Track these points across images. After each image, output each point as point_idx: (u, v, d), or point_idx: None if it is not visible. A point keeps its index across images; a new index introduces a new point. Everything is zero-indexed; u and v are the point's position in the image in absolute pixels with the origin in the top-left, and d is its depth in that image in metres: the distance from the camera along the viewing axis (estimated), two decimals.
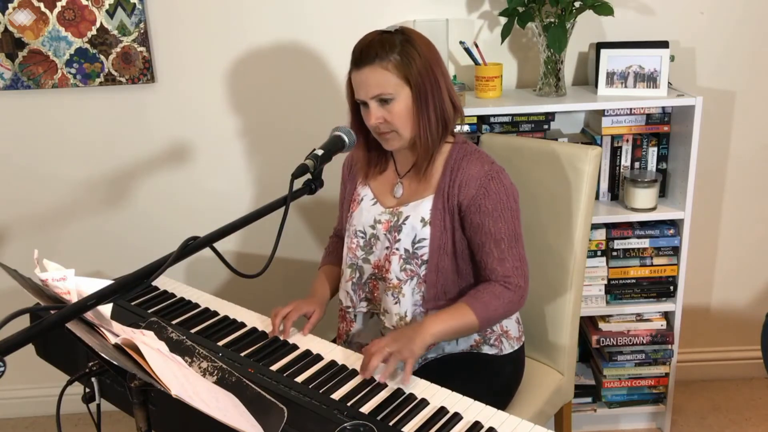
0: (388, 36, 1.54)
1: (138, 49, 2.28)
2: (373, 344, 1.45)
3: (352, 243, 1.72)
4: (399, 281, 1.64)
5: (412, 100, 1.54)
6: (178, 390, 0.99)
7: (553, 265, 1.86)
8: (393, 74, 1.51)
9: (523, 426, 1.30)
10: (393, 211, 1.66)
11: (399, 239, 1.63)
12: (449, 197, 1.60)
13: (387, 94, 1.52)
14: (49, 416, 2.66)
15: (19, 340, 0.90)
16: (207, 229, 1.20)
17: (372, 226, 1.68)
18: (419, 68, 1.52)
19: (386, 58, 1.51)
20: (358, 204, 1.72)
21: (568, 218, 1.84)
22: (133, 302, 1.78)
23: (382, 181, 1.73)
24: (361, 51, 1.54)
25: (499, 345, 1.71)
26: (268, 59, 2.34)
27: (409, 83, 1.53)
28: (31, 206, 2.46)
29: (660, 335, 2.28)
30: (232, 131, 2.41)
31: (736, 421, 2.50)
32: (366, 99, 1.55)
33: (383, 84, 1.52)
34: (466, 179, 1.58)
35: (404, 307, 1.64)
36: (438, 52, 1.59)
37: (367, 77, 1.52)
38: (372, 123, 1.56)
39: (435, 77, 1.55)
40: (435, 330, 1.51)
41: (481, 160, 1.61)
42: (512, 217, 1.59)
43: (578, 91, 2.28)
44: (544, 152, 1.89)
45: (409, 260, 1.63)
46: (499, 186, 1.58)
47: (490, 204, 1.57)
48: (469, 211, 1.59)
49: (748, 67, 2.36)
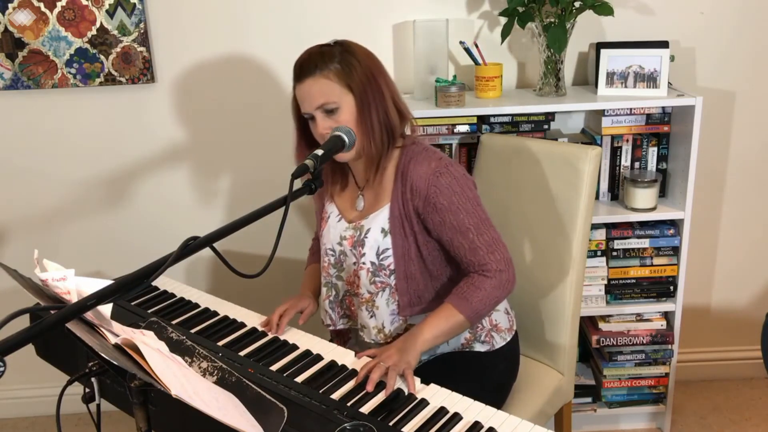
0: (326, 48, 1.55)
1: (138, 49, 2.28)
2: (370, 360, 1.46)
3: (324, 261, 1.73)
4: (370, 294, 1.64)
5: (355, 108, 1.54)
6: (178, 390, 0.99)
7: (553, 265, 1.87)
8: (335, 82, 1.52)
9: (523, 426, 1.30)
10: (355, 226, 1.66)
11: (364, 253, 1.63)
12: (404, 203, 1.60)
13: (331, 103, 1.52)
14: (49, 416, 2.66)
15: (19, 340, 0.90)
16: (207, 229, 1.20)
17: (339, 243, 1.69)
18: (360, 76, 1.53)
19: (326, 67, 1.52)
20: (326, 222, 1.73)
21: (568, 218, 1.84)
22: (133, 302, 1.79)
23: (345, 195, 1.73)
24: (301, 64, 1.54)
25: (490, 341, 1.71)
26: (268, 59, 2.34)
27: (352, 91, 1.53)
28: (31, 206, 2.46)
29: (660, 335, 2.28)
30: (232, 131, 2.41)
31: (736, 421, 2.50)
32: (311, 111, 1.54)
33: (327, 93, 1.52)
34: (416, 181, 1.57)
35: (380, 319, 1.65)
36: (379, 61, 1.60)
37: (310, 88, 1.53)
38: (320, 133, 1.55)
39: (377, 84, 1.55)
40: (425, 337, 1.52)
41: (428, 158, 1.59)
42: (473, 205, 1.57)
43: (578, 91, 2.28)
44: (544, 152, 1.89)
45: (377, 272, 1.63)
46: (450, 179, 1.56)
47: (445, 199, 1.56)
48: (426, 212, 1.58)
49: (748, 67, 2.36)
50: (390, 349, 1.49)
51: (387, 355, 1.46)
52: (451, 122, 2.16)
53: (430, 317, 1.56)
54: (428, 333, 1.53)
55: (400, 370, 1.43)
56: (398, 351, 1.47)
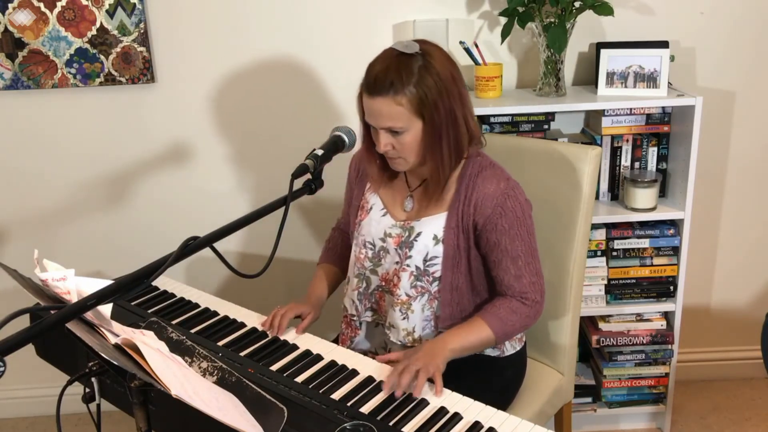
0: (405, 60, 1.45)
1: (138, 49, 2.28)
2: (400, 363, 1.45)
3: (360, 253, 1.69)
4: (408, 297, 1.62)
5: (423, 132, 1.49)
6: (178, 390, 0.99)
7: (553, 265, 1.86)
8: (406, 109, 1.45)
9: (523, 426, 1.30)
10: (404, 226, 1.63)
11: (410, 256, 1.60)
12: (464, 216, 1.57)
13: (398, 128, 1.47)
14: (49, 416, 2.66)
15: (19, 340, 0.90)
16: (207, 229, 1.20)
17: (382, 239, 1.65)
18: (434, 100, 1.45)
19: (401, 91, 1.43)
20: (367, 213, 1.69)
21: (568, 218, 1.84)
22: (133, 302, 1.78)
23: (391, 191, 1.69)
24: (376, 78, 1.45)
25: (501, 347, 1.71)
26: (268, 59, 2.33)
27: (423, 118, 1.47)
28: (31, 206, 2.46)
29: (660, 335, 2.28)
30: (232, 131, 2.41)
31: (736, 421, 2.50)
32: (376, 126, 1.51)
33: (395, 118, 1.46)
34: (482, 198, 1.55)
35: (413, 322, 1.63)
36: (459, 74, 1.52)
37: (379, 108, 1.46)
38: (381, 149, 1.52)
39: (451, 108, 1.48)
40: (454, 345, 1.52)
41: (497, 177, 1.57)
42: (528, 233, 1.58)
43: (578, 91, 2.28)
44: (544, 152, 1.89)
45: (420, 277, 1.61)
46: (515, 204, 1.56)
47: (507, 223, 1.55)
48: (485, 230, 1.56)
49: (748, 67, 2.36)
50: (418, 352, 1.48)
51: (416, 358, 1.44)
52: None
53: (460, 328, 1.56)
54: (457, 343, 1.52)
55: (430, 374, 1.42)
56: (426, 355, 1.46)
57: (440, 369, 1.45)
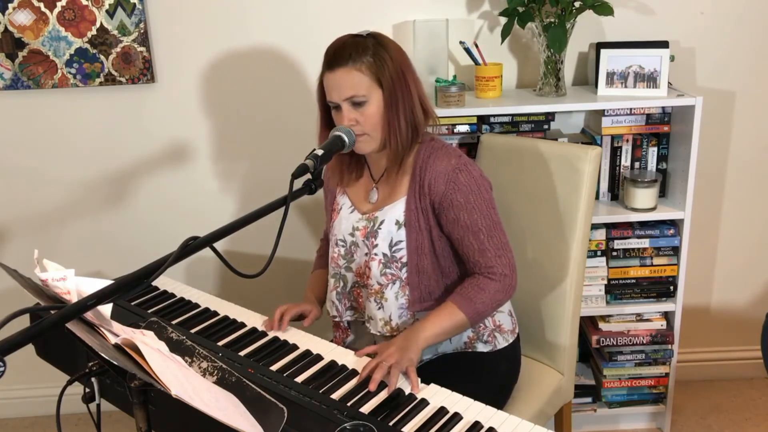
0: (360, 39, 1.55)
1: (138, 49, 2.28)
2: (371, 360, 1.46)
3: (334, 252, 1.73)
4: (380, 285, 1.64)
5: (383, 103, 1.55)
6: (178, 390, 0.99)
7: (553, 266, 1.87)
8: (366, 76, 1.53)
9: (523, 426, 1.30)
10: (369, 217, 1.67)
11: (376, 244, 1.63)
12: (421, 197, 1.60)
13: (360, 96, 1.53)
14: (49, 416, 2.66)
15: (19, 340, 0.90)
16: (207, 229, 1.20)
17: (351, 234, 1.69)
18: (391, 72, 1.54)
19: (359, 60, 1.52)
20: (337, 213, 1.74)
21: (568, 218, 1.84)
22: (133, 302, 1.78)
23: (358, 187, 1.74)
24: (335, 52, 1.54)
25: (492, 341, 1.71)
26: (268, 59, 2.34)
27: (381, 86, 1.54)
28: (31, 206, 2.46)
29: (660, 335, 2.28)
30: (232, 131, 2.41)
31: (736, 421, 2.50)
32: (338, 101, 1.55)
33: (356, 86, 1.53)
34: (435, 176, 1.58)
35: (388, 311, 1.65)
36: (408, 58, 1.61)
37: (340, 78, 1.53)
38: (344, 125, 1.55)
39: (406, 82, 1.56)
40: (426, 334, 1.53)
41: (448, 155, 1.60)
42: (487, 207, 1.59)
43: (578, 91, 2.28)
44: (544, 152, 1.89)
45: (389, 264, 1.63)
46: (469, 178, 1.58)
47: (462, 197, 1.57)
48: (443, 207, 1.59)
49: (748, 67, 2.36)
50: (391, 347, 1.49)
51: (388, 354, 1.46)
52: (451, 122, 2.16)
53: (432, 315, 1.57)
54: (429, 330, 1.53)
55: (402, 369, 1.43)
56: (399, 349, 1.47)
57: (413, 362, 1.46)
